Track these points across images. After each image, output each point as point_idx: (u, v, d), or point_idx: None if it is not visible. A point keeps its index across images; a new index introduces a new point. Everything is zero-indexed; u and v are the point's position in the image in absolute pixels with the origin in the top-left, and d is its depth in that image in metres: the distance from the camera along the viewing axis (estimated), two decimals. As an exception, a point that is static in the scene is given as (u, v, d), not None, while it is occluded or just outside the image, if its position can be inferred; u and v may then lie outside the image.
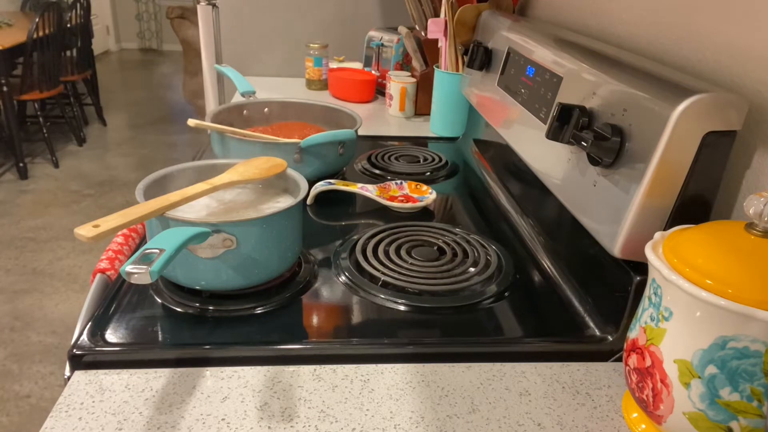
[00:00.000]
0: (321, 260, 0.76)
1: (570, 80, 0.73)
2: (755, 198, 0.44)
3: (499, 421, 0.53)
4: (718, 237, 0.46)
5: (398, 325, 0.65)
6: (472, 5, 1.20)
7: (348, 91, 1.64)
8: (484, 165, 1.10)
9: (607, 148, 0.60)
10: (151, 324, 0.63)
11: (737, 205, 0.61)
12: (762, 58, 0.58)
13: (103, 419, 0.51)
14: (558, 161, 0.73)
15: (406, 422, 0.52)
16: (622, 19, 0.84)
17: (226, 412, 0.52)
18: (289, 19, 1.87)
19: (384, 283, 0.71)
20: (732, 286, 0.42)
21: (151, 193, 0.67)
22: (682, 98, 0.53)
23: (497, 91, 0.98)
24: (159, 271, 0.49)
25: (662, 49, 0.74)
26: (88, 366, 0.57)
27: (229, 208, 0.72)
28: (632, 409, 0.54)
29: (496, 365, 0.60)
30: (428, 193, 0.95)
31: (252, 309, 0.65)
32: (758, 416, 0.43)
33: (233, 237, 0.61)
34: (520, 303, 0.70)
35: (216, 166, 0.75)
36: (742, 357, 0.42)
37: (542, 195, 0.82)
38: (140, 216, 0.58)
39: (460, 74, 1.26)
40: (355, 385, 0.56)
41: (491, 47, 1.05)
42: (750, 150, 0.60)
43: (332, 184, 0.92)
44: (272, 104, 1.16)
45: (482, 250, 0.79)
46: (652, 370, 0.47)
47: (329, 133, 0.96)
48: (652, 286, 0.48)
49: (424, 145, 1.27)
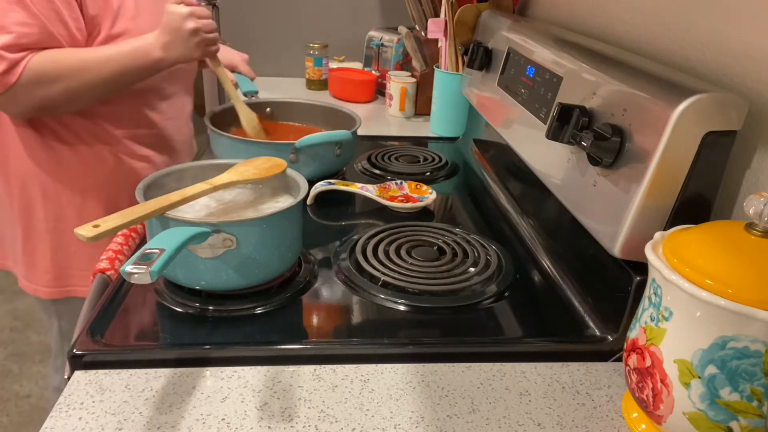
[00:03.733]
0: (321, 260, 0.76)
1: (570, 80, 0.73)
2: (755, 198, 0.44)
3: (499, 421, 0.53)
4: (718, 237, 0.46)
5: (398, 325, 0.65)
6: (472, 5, 1.20)
7: (348, 91, 1.64)
8: (484, 165, 1.10)
9: (607, 148, 0.60)
10: (151, 324, 0.63)
11: (737, 205, 0.61)
12: (762, 58, 0.58)
13: (103, 419, 0.51)
14: (558, 161, 0.73)
15: (406, 422, 0.52)
16: (622, 19, 0.84)
17: (226, 412, 0.52)
18: (289, 19, 1.87)
19: (384, 283, 0.71)
20: (732, 286, 0.42)
21: (151, 193, 0.67)
22: (682, 98, 0.53)
23: (497, 91, 0.98)
24: (159, 271, 0.49)
25: (662, 49, 0.74)
26: (88, 366, 0.57)
27: (229, 208, 0.72)
28: (632, 409, 0.54)
29: (496, 365, 0.60)
30: (428, 193, 0.95)
31: (252, 309, 0.65)
32: (758, 416, 0.43)
33: (233, 237, 0.61)
34: (520, 303, 0.70)
35: (216, 166, 0.75)
36: (742, 357, 0.42)
37: (542, 195, 0.82)
38: (140, 216, 0.58)
39: (460, 74, 1.26)
40: (355, 385, 0.56)
41: (491, 47, 1.05)
42: (750, 150, 0.60)
43: (332, 184, 0.92)
44: (273, 104, 1.16)
45: (482, 250, 0.79)
46: (652, 370, 0.47)
47: (325, 134, 0.96)
48: (652, 286, 0.48)
49: (424, 145, 1.27)
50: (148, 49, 0.90)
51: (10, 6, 0.81)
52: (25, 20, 0.82)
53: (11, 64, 0.81)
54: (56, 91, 0.86)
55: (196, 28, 0.90)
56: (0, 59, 0.81)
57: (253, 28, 1.85)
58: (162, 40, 0.90)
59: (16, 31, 0.81)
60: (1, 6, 0.81)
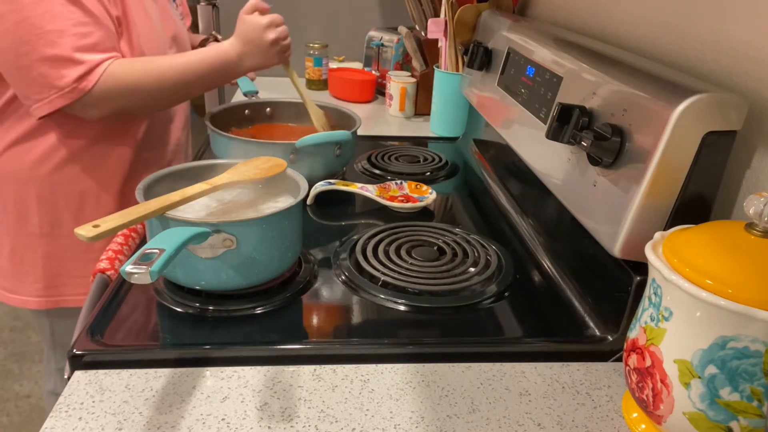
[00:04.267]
0: (321, 260, 0.76)
1: (570, 80, 0.73)
2: (755, 198, 0.44)
3: (499, 421, 0.53)
4: (718, 237, 0.46)
5: (398, 325, 0.65)
6: (472, 5, 1.20)
7: (348, 91, 1.64)
8: (484, 165, 1.10)
9: (607, 148, 0.60)
10: (151, 324, 0.63)
11: (737, 205, 0.61)
12: (762, 58, 0.58)
13: (103, 419, 0.51)
14: (558, 161, 0.73)
15: (406, 422, 0.52)
16: (622, 19, 0.84)
17: (226, 412, 0.52)
18: (289, 19, 1.87)
19: (384, 283, 0.71)
20: (732, 286, 0.42)
21: (151, 193, 0.67)
22: (682, 98, 0.53)
23: (497, 91, 0.98)
24: (159, 271, 0.49)
25: (662, 49, 0.74)
26: (88, 366, 0.57)
27: (229, 208, 0.72)
28: (632, 409, 0.54)
29: (496, 365, 0.60)
30: (428, 193, 0.95)
31: (252, 309, 0.65)
32: (758, 416, 0.43)
33: (233, 237, 0.61)
34: (520, 303, 0.70)
35: (216, 166, 0.75)
36: (742, 357, 0.42)
37: (542, 195, 0.82)
38: (140, 216, 0.58)
39: (460, 74, 1.26)
40: (355, 385, 0.56)
41: (491, 47, 1.05)
42: (750, 150, 0.60)
43: (332, 184, 0.92)
44: (273, 104, 1.16)
45: (482, 250, 0.79)
46: (652, 370, 0.47)
47: (325, 134, 0.96)
48: (652, 286, 0.48)
49: (424, 145, 1.27)
50: (226, 58, 0.92)
51: (67, 8, 0.80)
52: (84, 19, 0.81)
53: (87, 69, 0.81)
54: (135, 99, 0.88)
55: (276, 38, 0.93)
56: (76, 63, 0.80)
57: (253, 28, 1.85)
58: (239, 50, 0.92)
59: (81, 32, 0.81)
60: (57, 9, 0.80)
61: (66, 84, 0.81)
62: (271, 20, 0.92)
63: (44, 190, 0.94)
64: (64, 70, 0.80)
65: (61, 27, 0.80)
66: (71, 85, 0.81)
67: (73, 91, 0.81)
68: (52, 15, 0.79)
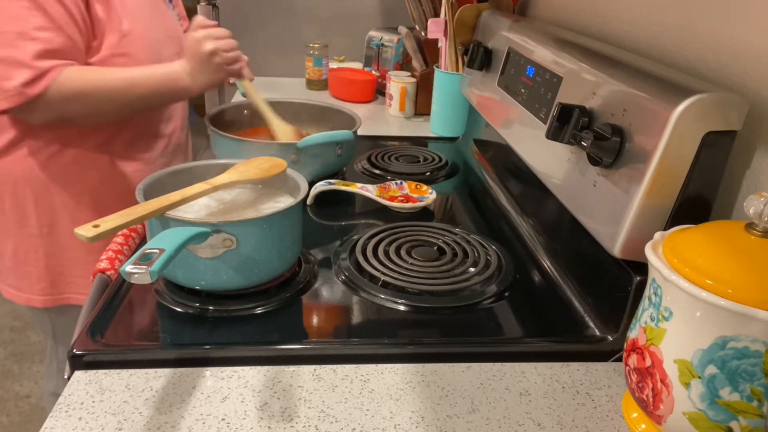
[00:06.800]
0: (321, 260, 0.76)
1: (570, 80, 0.73)
2: (755, 198, 0.44)
3: (499, 421, 0.53)
4: (718, 237, 0.46)
5: (398, 325, 0.65)
6: (472, 5, 1.20)
7: (348, 91, 1.64)
8: (484, 165, 1.10)
9: (607, 148, 0.60)
10: (151, 324, 0.63)
11: (737, 205, 0.61)
12: (762, 58, 0.58)
13: (103, 419, 0.51)
14: (558, 161, 0.73)
15: (406, 422, 0.52)
16: (622, 19, 0.84)
17: (226, 412, 0.52)
18: (289, 19, 1.87)
19: (384, 283, 0.71)
20: (732, 286, 0.42)
21: (151, 193, 0.67)
22: (682, 98, 0.53)
23: (497, 91, 0.98)
24: (159, 271, 0.49)
25: (662, 49, 0.74)
26: (88, 366, 0.57)
27: (229, 208, 0.72)
28: (632, 409, 0.54)
29: (496, 365, 0.60)
30: (428, 193, 0.95)
31: (252, 309, 0.65)
32: (758, 416, 0.43)
33: (233, 237, 0.61)
34: (520, 303, 0.70)
35: (216, 166, 0.75)
36: (742, 357, 0.42)
37: (542, 195, 0.82)
38: (140, 216, 0.58)
39: (460, 74, 1.26)
40: (355, 385, 0.56)
41: (491, 47, 1.05)
42: (750, 150, 0.60)
43: (332, 184, 0.92)
44: (273, 104, 1.15)
45: (482, 250, 0.79)
46: (652, 370, 0.47)
47: (327, 134, 0.95)
48: (652, 286, 0.48)
49: (424, 145, 1.27)
50: (176, 76, 0.90)
51: (30, 12, 0.79)
52: (45, 25, 0.80)
53: (37, 74, 0.80)
54: (80, 108, 0.86)
55: (213, 49, 0.90)
56: (26, 68, 0.79)
57: (253, 28, 1.85)
58: (187, 68, 0.91)
59: (40, 38, 0.80)
60: (19, 12, 0.79)
61: (11, 87, 0.79)
62: (208, 33, 0.90)
63: (41, 191, 0.94)
64: (13, 72, 0.79)
65: (20, 29, 0.79)
66: (17, 89, 0.79)
67: (18, 95, 0.80)
68: (13, 16, 0.79)
